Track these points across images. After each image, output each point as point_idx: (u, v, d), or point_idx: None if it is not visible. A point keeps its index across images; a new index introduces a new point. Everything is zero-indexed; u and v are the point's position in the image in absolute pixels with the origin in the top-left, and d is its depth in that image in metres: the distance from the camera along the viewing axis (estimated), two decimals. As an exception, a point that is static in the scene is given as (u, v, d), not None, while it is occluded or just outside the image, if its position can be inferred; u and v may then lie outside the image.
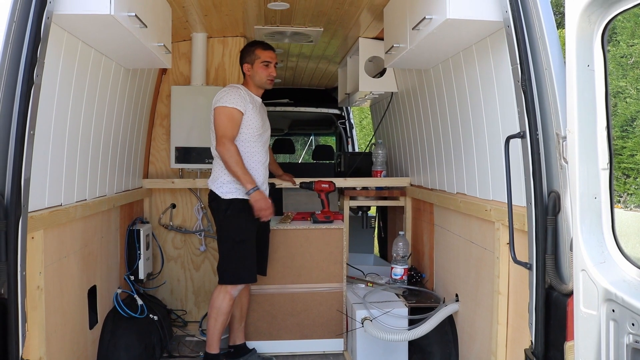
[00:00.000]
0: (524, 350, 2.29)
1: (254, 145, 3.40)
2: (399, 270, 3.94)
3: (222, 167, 3.35)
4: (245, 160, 3.34)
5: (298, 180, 4.09)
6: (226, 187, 3.35)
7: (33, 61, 1.99)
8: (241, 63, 3.49)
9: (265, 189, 3.49)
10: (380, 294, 3.77)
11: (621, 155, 11.76)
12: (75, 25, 2.42)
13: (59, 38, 2.40)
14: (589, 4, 1.79)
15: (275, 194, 4.21)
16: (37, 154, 2.18)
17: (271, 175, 3.94)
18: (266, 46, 3.48)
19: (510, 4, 2.26)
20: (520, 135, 2.26)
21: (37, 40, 2.01)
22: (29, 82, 1.98)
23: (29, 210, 2.12)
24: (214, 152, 3.39)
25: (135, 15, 2.49)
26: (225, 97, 3.31)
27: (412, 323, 3.37)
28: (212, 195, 3.39)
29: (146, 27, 2.65)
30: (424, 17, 2.60)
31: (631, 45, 11.97)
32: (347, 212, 4.36)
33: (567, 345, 2.03)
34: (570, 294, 2.02)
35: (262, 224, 3.52)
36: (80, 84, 2.74)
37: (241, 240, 3.32)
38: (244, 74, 3.49)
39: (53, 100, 2.45)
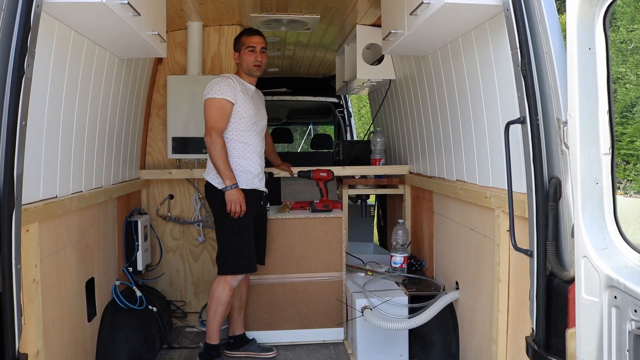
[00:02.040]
0: (525, 337, 2.28)
1: (248, 134, 3.36)
2: (398, 259, 3.92)
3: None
4: (240, 150, 3.33)
5: (295, 170, 4.06)
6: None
7: (23, 51, 1.96)
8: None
9: (262, 178, 3.47)
10: (380, 283, 3.76)
11: (621, 141, 11.73)
12: (67, 13, 2.37)
13: (50, 27, 2.36)
14: (590, -15, 1.76)
15: (273, 183, 4.18)
16: (30, 145, 2.14)
17: (269, 164, 3.92)
18: (252, 32, 3.44)
19: (510, -13, 2.22)
20: (520, 121, 2.23)
21: (27, 29, 1.97)
22: (20, 71, 1.94)
23: (23, 203, 2.10)
24: None
25: (128, 3, 2.44)
26: (215, 88, 3.27)
27: (412, 311, 3.35)
28: (209, 187, 3.37)
29: (139, 15, 2.61)
30: (422, 2, 2.56)
31: (631, 31, 11.88)
32: (346, 201, 4.33)
33: (569, 332, 2.02)
34: (571, 280, 2.00)
35: (259, 213, 3.50)
36: (73, 74, 2.70)
37: (239, 231, 3.30)
38: (237, 63, 3.46)
39: (46, 90, 2.41)
